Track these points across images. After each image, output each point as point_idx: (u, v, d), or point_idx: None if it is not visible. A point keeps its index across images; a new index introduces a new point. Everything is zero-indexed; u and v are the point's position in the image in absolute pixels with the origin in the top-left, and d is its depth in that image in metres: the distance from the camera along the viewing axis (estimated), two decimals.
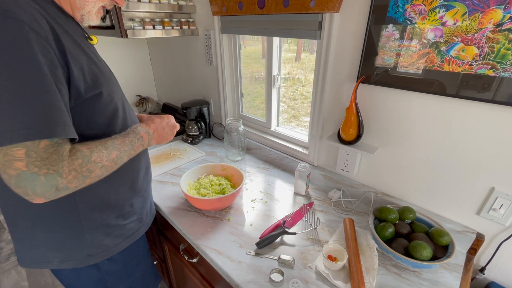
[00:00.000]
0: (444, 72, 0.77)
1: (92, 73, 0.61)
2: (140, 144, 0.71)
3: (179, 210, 1.04)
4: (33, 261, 0.72)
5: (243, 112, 1.62)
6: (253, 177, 1.28)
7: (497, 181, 0.80)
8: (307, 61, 1.43)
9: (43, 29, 0.50)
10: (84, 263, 0.73)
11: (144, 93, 2.12)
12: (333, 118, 1.10)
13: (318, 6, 0.93)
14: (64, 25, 0.58)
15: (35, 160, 0.49)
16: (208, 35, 1.44)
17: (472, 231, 0.88)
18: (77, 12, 0.63)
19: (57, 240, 0.69)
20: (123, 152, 0.65)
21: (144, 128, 0.74)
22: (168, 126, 0.83)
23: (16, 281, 1.21)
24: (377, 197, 1.05)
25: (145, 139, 0.73)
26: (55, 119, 0.50)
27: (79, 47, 0.60)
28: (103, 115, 0.65)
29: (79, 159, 0.55)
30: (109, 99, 0.66)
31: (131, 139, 0.68)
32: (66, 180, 0.53)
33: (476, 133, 0.79)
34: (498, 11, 0.65)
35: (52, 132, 0.50)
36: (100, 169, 0.59)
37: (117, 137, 0.66)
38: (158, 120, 0.81)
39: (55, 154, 0.51)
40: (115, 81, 0.72)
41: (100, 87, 0.62)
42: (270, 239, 0.87)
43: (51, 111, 0.50)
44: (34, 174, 0.49)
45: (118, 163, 0.64)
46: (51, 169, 0.50)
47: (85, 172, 0.56)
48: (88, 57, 0.62)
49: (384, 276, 0.78)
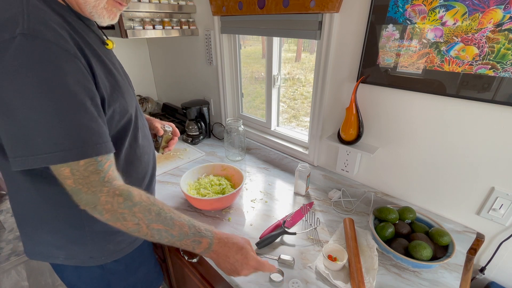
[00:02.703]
0: (444, 72, 0.77)
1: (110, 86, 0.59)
2: (190, 244, 0.61)
3: (179, 210, 1.03)
4: (40, 254, 0.72)
5: (243, 112, 1.62)
6: (253, 177, 1.28)
7: (497, 181, 0.80)
8: (307, 61, 1.43)
9: (70, 46, 0.49)
10: (87, 264, 0.73)
11: (144, 93, 2.12)
12: (333, 118, 1.10)
13: (318, 6, 0.93)
14: (83, 33, 0.57)
15: (78, 178, 0.52)
16: (208, 35, 1.44)
17: (472, 231, 0.88)
18: (84, 8, 0.58)
19: (61, 242, 0.70)
20: (169, 235, 0.59)
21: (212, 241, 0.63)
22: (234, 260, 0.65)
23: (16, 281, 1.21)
24: (377, 197, 1.05)
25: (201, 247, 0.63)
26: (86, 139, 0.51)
27: (99, 57, 0.59)
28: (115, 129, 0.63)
29: (121, 197, 0.55)
30: (124, 112, 0.64)
31: (189, 232, 0.60)
32: (101, 207, 0.54)
33: (476, 133, 0.79)
34: (498, 11, 0.65)
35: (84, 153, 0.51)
36: (133, 224, 0.56)
37: (183, 219, 0.61)
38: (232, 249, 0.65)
39: (96, 175, 0.53)
40: (130, 89, 0.69)
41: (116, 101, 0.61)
42: (270, 239, 0.87)
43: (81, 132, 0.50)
44: (79, 190, 0.53)
45: (155, 237, 0.58)
46: (91, 189, 0.53)
47: (119, 215, 0.55)
48: (106, 67, 0.60)
49: (384, 276, 0.78)
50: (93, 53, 0.57)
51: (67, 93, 0.48)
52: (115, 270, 0.80)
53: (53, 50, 0.47)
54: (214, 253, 0.64)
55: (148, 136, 0.82)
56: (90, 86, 0.52)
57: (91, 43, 0.58)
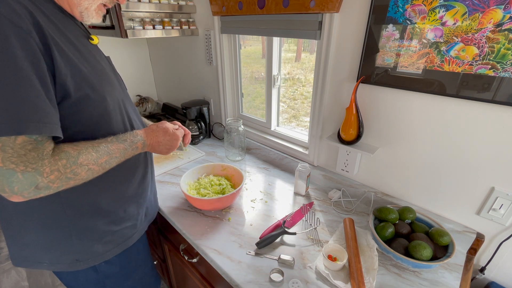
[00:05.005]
0: (444, 72, 0.77)
1: (85, 72, 0.60)
2: (132, 153, 0.71)
3: (179, 210, 1.04)
4: (26, 260, 0.71)
5: (243, 112, 1.62)
6: (253, 177, 1.28)
7: (497, 181, 0.80)
8: (307, 61, 1.43)
9: (24, 22, 0.48)
10: (73, 268, 0.72)
11: (144, 93, 2.12)
12: (333, 118, 1.10)
13: (318, 6, 0.93)
14: (59, 24, 0.57)
15: (11, 156, 0.48)
16: (208, 35, 1.44)
17: (472, 231, 0.88)
18: (75, 8, 0.62)
19: (46, 241, 0.69)
20: (113, 158, 0.65)
21: (142, 138, 0.74)
22: (165, 141, 0.79)
23: (16, 281, 1.21)
24: (377, 197, 1.05)
25: (139, 149, 0.73)
26: (28, 115, 0.48)
27: (73, 45, 0.59)
28: (91, 116, 0.63)
29: (63, 159, 0.54)
30: (99, 99, 0.63)
31: (126, 147, 0.68)
32: (47, 180, 0.52)
33: (476, 133, 0.79)
34: (498, 11, 0.65)
35: (23, 129, 0.47)
36: (86, 172, 0.59)
37: (113, 141, 0.66)
38: (159, 133, 0.78)
39: (34, 152, 0.50)
40: (114, 82, 0.70)
41: (91, 86, 0.61)
42: (270, 239, 0.87)
43: (24, 106, 0.48)
44: (10, 171, 0.48)
45: (106, 168, 0.64)
46: (29, 166, 0.49)
47: (69, 174, 0.55)
48: (82, 56, 0.61)
49: (384, 276, 0.78)
50: (66, 39, 0.58)
51: (13, 66, 0.47)
52: (110, 273, 0.80)
53: (3, 23, 0.46)
54: (149, 146, 0.77)
55: None
56: (40, 64, 0.50)
57: (65, 32, 0.58)
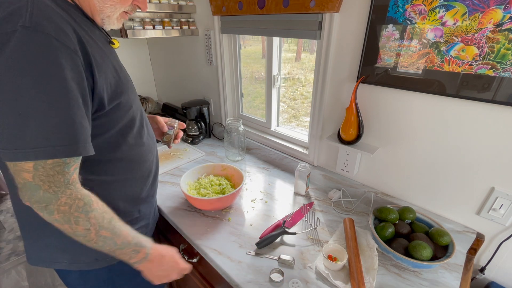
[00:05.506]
0: (444, 72, 0.77)
1: (114, 82, 0.60)
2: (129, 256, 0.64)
3: (179, 210, 1.04)
4: (44, 261, 0.71)
5: (243, 112, 1.62)
6: (253, 177, 1.28)
7: (497, 181, 0.80)
8: (307, 61, 1.43)
9: (71, 42, 0.50)
10: (91, 266, 0.72)
11: (144, 93, 2.12)
12: (333, 118, 1.10)
13: (318, 6, 0.93)
14: (89, 31, 0.58)
15: (41, 175, 0.50)
16: (208, 35, 1.44)
17: (472, 231, 0.88)
18: (96, 15, 0.61)
19: (67, 244, 0.68)
20: (112, 244, 0.60)
21: (149, 249, 0.67)
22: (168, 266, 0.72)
23: (16, 281, 1.21)
24: (377, 197, 1.05)
25: (138, 257, 0.66)
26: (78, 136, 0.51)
27: (104, 54, 0.60)
28: (118, 124, 0.64)
29: (81, 201, 0.55)
30: (127, 108, 0.65)
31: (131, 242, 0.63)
32: (56, 208, 0.52)
33: (476, 133, 0.79)
34: (498, 11, 0.65)
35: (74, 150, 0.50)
36: (83, 229, 0.56)
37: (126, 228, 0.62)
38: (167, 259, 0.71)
39: (61, 175, 0.51)
40: (133, 88, 0.71)
41: (121, 96, 0.62)
42: (270, 239, 0.87)
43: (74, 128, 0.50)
44: (37, 186, 0.50)
45: (98, 243, 0.59)
46: (52, 188, 0.51)
47: (73, 218, 0.54)
48: (112, 65, 0.61)
49: (384, 276, 0.78)
50: (97, 50, 0.58)
51: (63, 88, 0.48)
52: (121, 271, 0.80)
53: (53, 44, 0.47)
54: (149, 262, 0.68)
55: (152, 135, 0.83)
56: (83, 84, 0.52)
57: (96, 41, 0.59)
